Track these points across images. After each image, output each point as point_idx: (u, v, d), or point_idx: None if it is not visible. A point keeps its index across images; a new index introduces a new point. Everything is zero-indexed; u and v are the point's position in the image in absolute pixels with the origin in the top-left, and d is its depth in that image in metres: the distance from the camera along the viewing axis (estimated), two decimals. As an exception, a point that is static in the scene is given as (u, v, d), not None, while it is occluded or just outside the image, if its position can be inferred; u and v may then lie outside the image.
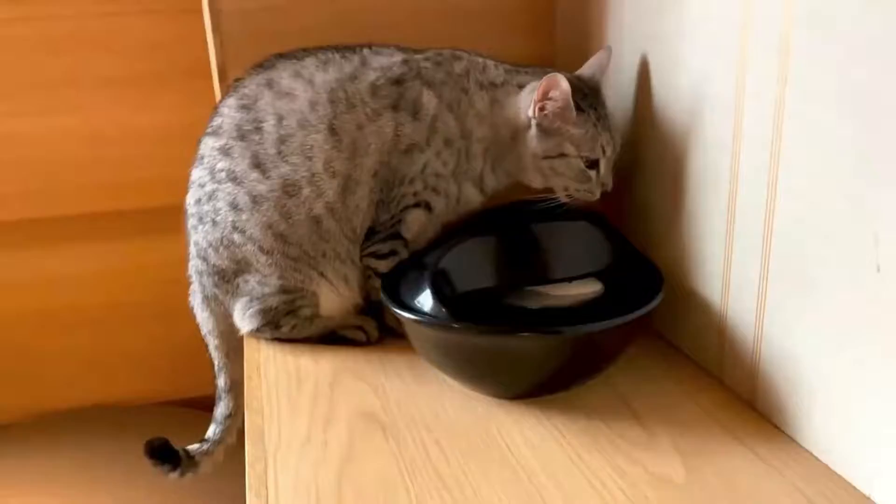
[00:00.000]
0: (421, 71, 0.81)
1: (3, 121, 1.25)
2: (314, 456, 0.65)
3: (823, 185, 0.57)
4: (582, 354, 0.70)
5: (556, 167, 0.79)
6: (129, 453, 0.91)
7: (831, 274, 0.58)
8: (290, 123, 0.79)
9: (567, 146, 0.78)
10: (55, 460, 1.24)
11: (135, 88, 1.28)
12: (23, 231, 1.32)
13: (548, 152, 0.79)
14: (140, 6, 1.26)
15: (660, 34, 0.77)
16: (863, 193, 0.54)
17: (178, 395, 1.38)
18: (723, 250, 0.71)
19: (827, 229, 0.57)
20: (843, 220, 0.56)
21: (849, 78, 0.54)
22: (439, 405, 0.73)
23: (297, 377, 0.78)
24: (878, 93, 0.52)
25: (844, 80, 0.54)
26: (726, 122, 0.67)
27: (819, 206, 0.58)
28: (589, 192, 0.80)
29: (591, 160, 0.79)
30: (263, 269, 0.82)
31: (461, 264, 0.75)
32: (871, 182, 0.53)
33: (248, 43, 0.91)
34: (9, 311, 1.33)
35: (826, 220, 0.57)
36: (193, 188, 0.84)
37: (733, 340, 0.71)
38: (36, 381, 1.38)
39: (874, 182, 0.53)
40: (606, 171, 0.80)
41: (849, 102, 0.54)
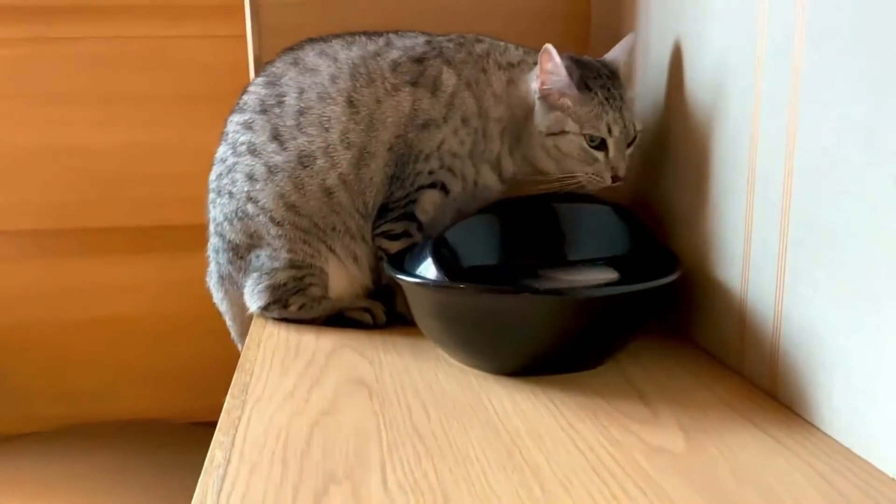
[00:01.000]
0: (443, 50, 0.81)
1: (63, 132, 1.32)
2: (293, 408, 0.62)
3: (840, 139, 0.53)
4: (587, 324, 0.66)
5: (560, 145, 0.77)
6: (162, 470, 0.87)
7: (851, 233, 0.53)
8: (311, 96, 0.80)
9: (569, 122, 0.76)
10: (81, 471, 1.23)
11: (190, 108, 1.33)
12: (76, 239, 1.37)
13: (550, 128, 0.77)
14: (199, 31, 1.32)
15: (682, 21, 0.76)
16: (880, 147, 0.50)
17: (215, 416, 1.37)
18: (743, 228, 0.66)
19: (845, 186, 0.53)
20: (860, 173, 0.52)
21: (864, 41, 0.51)
22: (433, 377, 0.69)
23: (297, 349, 0.76)
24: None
25: (858, 47, 0.51)
26: (746, 99, 0.64)
27: (836, 162, 0.54)
28: (598, 177, 0.77)
29: (595, 139, 0.76)
30: (274, 242, 0.81)
31: (469, 237, 0.73)
32: (889, 127, 0.49)
33: (286, 36, 0.94)
34: (54, 319, 1.36)
35: (844, 176, 0.53)
36: (216, 165, 0.86)
37: (753, 325, 0.66)
38: (74, 391, 1.39)
39: (891, 127, 0.49)
40: (617, 153, 0.76)
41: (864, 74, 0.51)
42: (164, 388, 1.38)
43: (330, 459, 0.54)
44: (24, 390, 1.37)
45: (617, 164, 0.77)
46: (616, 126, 0.76)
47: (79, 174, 1.32)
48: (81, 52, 1.30)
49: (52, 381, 1.37)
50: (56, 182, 1.32)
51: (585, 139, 0.76)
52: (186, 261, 1.36)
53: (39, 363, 1.37)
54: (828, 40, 0.55)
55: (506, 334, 0.66)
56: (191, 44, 1.33)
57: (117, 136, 1.32)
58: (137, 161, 1.33)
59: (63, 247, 1.36)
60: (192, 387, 1.37)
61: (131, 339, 1.37)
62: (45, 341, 1.36)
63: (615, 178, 0.77)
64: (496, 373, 0.69)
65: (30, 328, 1.36)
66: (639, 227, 0.76)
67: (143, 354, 1.37)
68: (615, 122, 0.76)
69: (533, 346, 0.67)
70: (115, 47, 1.31)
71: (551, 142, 0.77)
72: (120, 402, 1.38)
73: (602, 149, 0.76)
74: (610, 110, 0.76)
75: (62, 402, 1.38)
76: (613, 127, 0.76)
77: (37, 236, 1.35)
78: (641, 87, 0.87)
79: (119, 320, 1.37)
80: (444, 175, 0.81)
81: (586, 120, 0.76)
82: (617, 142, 0.77)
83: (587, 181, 0.77)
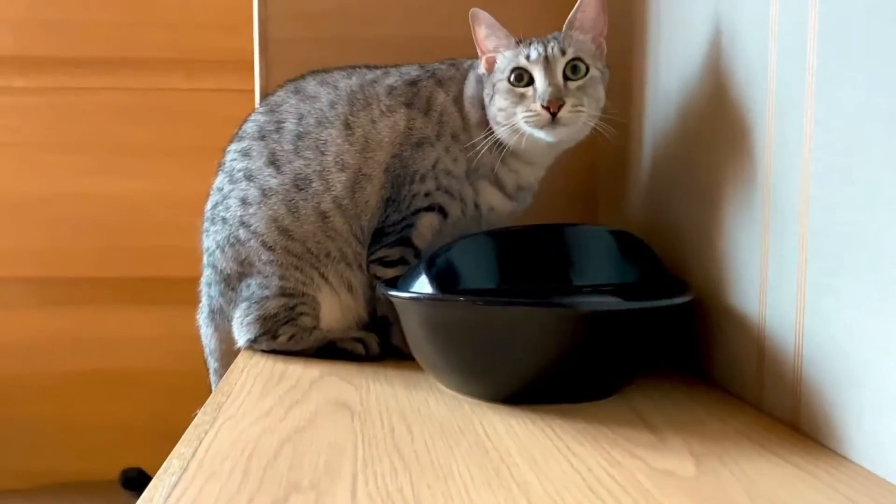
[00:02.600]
0: (435, 72, 0.81)
1: (75, 180, 1.32)
2: (266, 425, 0.57)
3: (860, 139, 0.49)
4: (590, 344, 0.60)
5: (497, 102, 0.73)
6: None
7: (873, 235, 0.48)
8: (309, 121, 0.79)
9: (496, 75, 0.74)
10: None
11: (202, 159, 1.33)
12: (78, 288, 1.34)
13: (489, 93, 0.75)
14: (213, 85, 1.34)
15: (690, 43, 0.74)
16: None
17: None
18: (759, 248, 0.62)
19: (866, 187, 0.49)
20: (882, 173, 0.47)
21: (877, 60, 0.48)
22: (422, 401, 0.64)
23: (281, 376, 0.71)
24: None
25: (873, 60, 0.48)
26: (757, 120, 0.61)
27: (856, 162, 0.50)
28: (530, 114, 0.70)
29: (518, 75, 0.71)
30: (265, 269, 0.78)
31: (466, 258, 0.69)
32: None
33: (292, 71, 0.94)
34: (50, 370, 1.32)
35: (865, 177, 0.49)
36: (213, 194, 0.83)
37: (772, 352, 0.60)
38: (67, 446, 1.33)
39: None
40: (545, 81, 0.70)
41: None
42: (161, 447, 1.32)
43: (297, 471, 0.48)
44: (14, 443, 1.32)
45: (545, 91, 0.69)
46: (535, 51, 0.71)
47: (86, 223, 1.32)
48: (99, 103, 1.32)
49: (45, 435, 1.32)
50: (63, 230, 1.31)
51: (510, 80, 0.72)
52: (191, 314, 1.33)
53: (35, 415, 1.32)
54: (842, 38, 0.51)
55: (502, 354, 0.61)
56: (205, 97, 1.35)
57: (127, 185, 1.32)
58: (145, 211, 1.33)
59: (64, 296, 1.33)
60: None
61: (129, 394, 1.33)
62: (40, 394, 1.32)
63: (550, 103, 0.69)
64: (492, 399, 0.63)
65: (24, 379, 1.32)
66: (647, 253, 0.72)
67: (141, 410, 1.32)
68: (535, 48, 0.71)
69: (531, 368, 0.61)
70: (131, 98, 1.33)
71: (494, 109, 0.74)
72: (113, 460, 1.32)
73: (529, 83, 0.72)
74: (530, 45, 0.72)
75: (52, 457, 1.32)
76: (532, 52, 0.71)
77: (39, 284, 1.33)
78: (650, 118, 0.84)
79: (117, 374, 1.33)
80: (441, 197, 0.78)
81: (509, 62, 0.73)
82: (542, 68, 0.70)
83: (525, 122, 0.71)
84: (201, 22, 1.31)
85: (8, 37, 1.29)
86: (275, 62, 0.99)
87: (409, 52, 0.92)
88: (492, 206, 0.79)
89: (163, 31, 1.31)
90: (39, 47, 1.30)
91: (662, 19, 0.81)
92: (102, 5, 1.30)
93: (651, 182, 0.82)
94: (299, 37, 0.97)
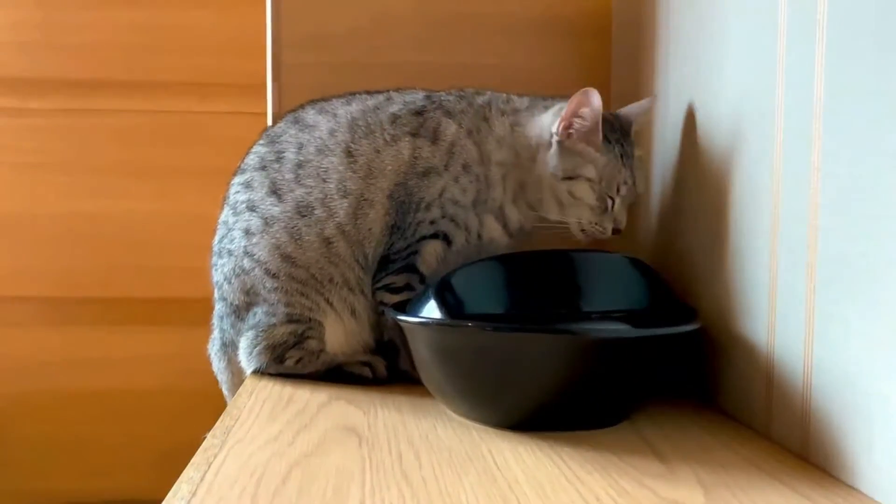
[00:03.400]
0: (442, 103, 0.81)
1: (91, 201, 1.33)
2: (274, 450, 0.57)
3: (869, 168, 0.50)
4: (600, 371, 0.61)
5: (574, 190, 0.76)
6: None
7: (885, 264, 0.48)
8: (309, 150, 0.80)
9: (588, 168, 0.76)
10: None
11: (215, 181, 1.34)
12: (88, 308, 1.35)
13: (567, 172, 0.76)
14: (227, 108, 1.35)
15: (698, 75, 0.74)
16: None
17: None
18: (767, 275, 0.62)
19: (876, 216, 0.49)
20: (892, 201, 0.48)
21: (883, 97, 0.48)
22: (430, 428, 0.64)
23: (289, 399, 0.72)
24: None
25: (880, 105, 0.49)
26: (765, 150, 0.61)
27: (866, 191, 0.50)
28: (600, 227, 0.77)
29: (607, 192, 0.76)
30: (270, 297, 0.78)
31: (475, 283, 0.70)
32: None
33: (304, 96, 0.95)
34: (58, 389, 1.32)
35: (875, 206, 0.49)
36: (219, 228, 0.84)
37: (781, 381, 0.60)
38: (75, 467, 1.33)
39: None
40: (621, 208, 0.78)
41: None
42: (167, 467, 1.32)
43: (305, 497, 0.48)
44: (23, 464, 1.32)
45: (619, 218, 0.78)
46: (625, 186, 0.77)
47: (97, 243, 1.32)
48: (113, 125, 1.33)
49: (55, 455, 1.32)
50: (74, 250, 1.32)
51: (602, 188, 0.76)
52: (198, 335, 1.33)
53: (44, 435, 1.32)
54: (850, 66, 0.52)
55: (510, 380, 0.61)
56: (218, 119, 1.36)
57: (139, 206, 1.33)
58: (156, 232, 1.33)
59: (72, 315, 1.34)
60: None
61: (135, 415, 1.33)
62: (45, 413, 1.32)
63: (616, 230, 0.77)
64: (500, 426, 0.63)
65: (29, 398, 1.32)
66: (656, 280, 0.72)
67: (147, 430, 1.32)
68: (626, 180, 0.77)
69: (540, 395, 0.62)
70: (145, 121, 1.34)
71: (564, 186, 0.76)
72: (123, 480, 1.32)
73: (610, 201, 0.77)
74: (623, 168, 0.77)
75: (57, 477, 1.32)
76: (623, 185, 0.77)
77: (46, 303, 1.34)
78: (659, 146, 0.85)
79: (124, 394, 1.33)
80: (446, 225, 0.78)
81: (605, 172, 0.76)
82: (623, 199, 0.78)
83: (591, 229, 0.77)
84: (215, 46, 1.32)
85: (24, 59, 1.30)
86: (287, 87, 1.00)
87: (421, 79, 0.93)
88: (492, 238, 0.80)
89: (176, 55, 1.32)
90: (55, 69, 1.32)
91: (671, 49, 0.82)
92: (117, 29, 1.31)
93: (660, 209, 0.83)
94: (312, 62, 0.98)
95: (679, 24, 0.80)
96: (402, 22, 0.98)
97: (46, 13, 1.30)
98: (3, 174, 1.31)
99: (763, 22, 0.62)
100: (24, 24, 1.30)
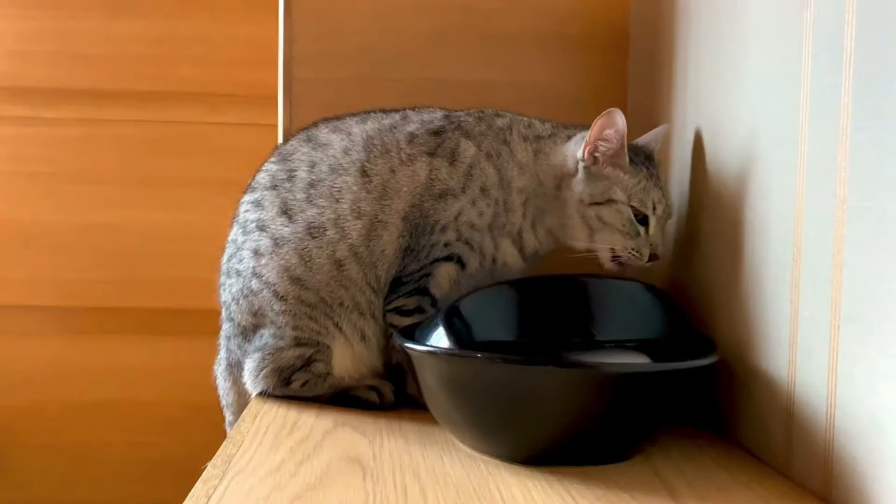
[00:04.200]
0: (461, 124, 0.79)
1: (102, 211, 1.32)
2: (276, 481, 0.56)
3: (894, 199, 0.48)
4: (614, 406, 0.58)
5: (604, 215, 0.73)
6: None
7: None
8: (322, 169, 0.78)
9: (617, 191, 0.73)
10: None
11: (226, 193, 1.33)
12: (97, 318, 1.34)
13: (595, 197, 0.74)
14: (239, 119, 1.34)
15: (716, 99, 0.72)
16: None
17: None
18: (788, 308, 0.60)
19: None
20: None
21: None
22: (437, 460, 0.62)
23: (293, 425, 0.70)
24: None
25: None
26: (787, 178, 0.59)
27: (891, 230, 0.48)
28: (636, 253, 0.73)
29: (640, 213, 0.73)
30: (278, 320, 0.76)
31: (485, 309, 0.68)
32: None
33: (315, 111, 0.93)
34: (67, 399, 1.31)
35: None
36: (228, 247, 0.83)
37: (802, 418, 0.58)
38: (80, 476, 1.32)
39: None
40: (657, 231, 0.74)
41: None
42: (174, 478, 1.31)
43: (305, 537, 0.47)
44: (28, 472, 1.31)
45: (656, 242, 0.74)
46: (660, 204, 0.74)
47: (108, 253, 1.32)
48: (125, 135, 1.33)
49: (59, 464, 1.31)
50: (85, 259, 1.31)
51: (632, 211, 0.73)
52: (211, 347, 1.32)
53: (48, 444, 1.32)
54: (879, 94, 0.50)
55: (520, 414, 0.59)
56: (230, 130, 1.35)
57: (150, 217, 1.32)
58: (167, 243, 1.32)
59: (85, 325, 1.33)
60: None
61: (146, 426, 1.32)
62: (57, 422, 1.31)
63: (653, 255, 0.74)
64: (509, 460, 0.61)
65: (41, 407, 1.32)
66: (673, 308, 0.70)
67: (157, 442, 1.31)
68: (659, 201, 0.74)
69: (551, 430, 0.60)
70: (157, 131, 1.34)
71: (593, 211, 0.74)
72: (126, 490, 1.31)
73: (644, 224, 0.74)
74: (654, 188, 0.75)
75: (67, 487, 1.31)
76: (657, 205, 0.74)
77: (60, 312, 1.33)
78: (676, 169, 0.83)
79: (135, 404, 1.32)
80: (460, 248, 0.77)
81: (634, 192, 0.74)
82: (658, 220, 0.75)
83: (626, 256, 0.74)
84: (227, 57, 1.32)
85: (38, 68, 1.30)
86: (298, 102, 0.98)
87: (435, 95, 0.91)
88: (507, 262, 0.78)
89: (189, 66, 1.32)
90: (68, 79, 1.32)
91: (690, 70, 0.80)
92: (130, 40, 1.31)
93: (677, 236, 0.80)
94: (324, 77, 0.97)
95: (698, 44, 0.78)
96: (415, 38, 0.97)
97: (60, 23, 1.30)
98: (14, 183, 1.31)
99: (787, 45, 0.60)
100: (38, 34, 1.30)
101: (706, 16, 0.76)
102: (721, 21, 0.73)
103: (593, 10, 0.98)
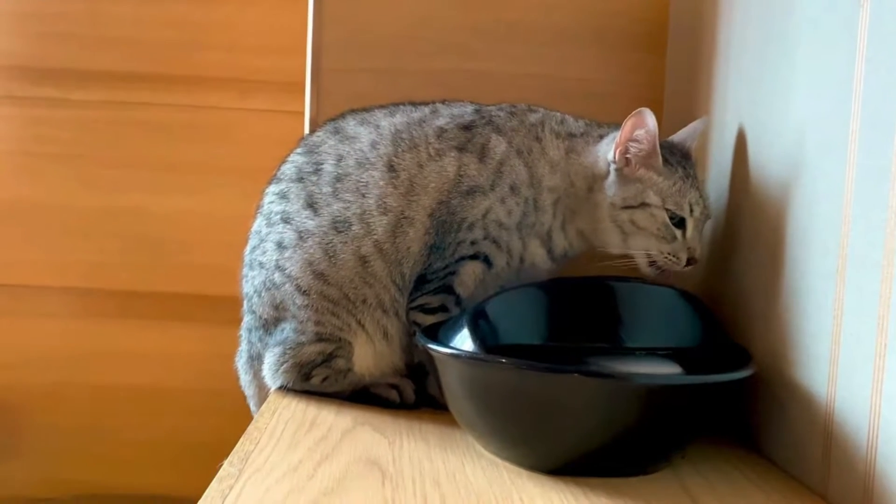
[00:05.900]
0: (492, 119, 0.77)
1: (128, 194, 1.32)
2: (293, 483, 0.54)
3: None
4: (644, 418, 0.56)
5: (637, 219, 0.70)
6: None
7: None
8: (349, 163, 0.77)
9: (650, 194, 0.70)
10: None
11: (251, 179, 1.32)
12: (120, 302, 1.34)
13: (628, 201, 0.71)
14: (266, 105, 1.33)
15: (760, 99, 0.69)
16: None
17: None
18: (830, 322, 0.57)
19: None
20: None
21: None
22: (459, 466, 0.60)
23: (312, 422, 0.69)
24: None
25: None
26: (834, 185, 0.56)
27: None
28: (674, 258, 0.70)
29: (676, 216, 0.70)
30: (300, 314, 0.75)
31: (512, 311, 0.66)
32: None
33: (343, 100, 0.92)
34: (88, 381, 1.31)
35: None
36: (251, 238, 0.82)
37: (842, 439, 0.55)
38: (99, 459, 1.32)
39: None
40: (694, 234, 0.71)
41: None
42: (192, 465, 1.31)
43: (321, 545, 0.45)
44: (47, 453, 1.32)
45: (694, 245, 0.71)
46: (697, 206, 0.72)
47: (133, 236, 1.31)
48: (152, 118, 1.32)
49: (78, 446, 1.31)
50: (110, 242, 1.31)
51: (668, 214, 0.70)
52: (230, 334, 1.32)
53: (68, 426, 1.32)
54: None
55: (547, 423, 0.57)
56: (257, 117, 1.34)
57: (175, 201, 1.32)
58: (192, 228, 1.32)
59: (108, 308, 1.33)
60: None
61: (164, 411, 1.31)
62: (76, 404, 1.32)
63: (691, 259, 0.71)
64: (533, 469, 0.59)
65: (62, 388, 1.32)
66: (707, 315, 0.67)
67: (175, 427, 1.31)
68: (696, 202, 0.72)
69: (577, 440, 0.58)
70: (184, 115, 1.32)
71: (626, 215, 0.71)
72: (144, 475, 1.31)
73: (680, 227, 0.71)
74: (691, 189, 0.72)
75: (85, 468, 1.31)
76: (695, 206, 0.71)
77: (83, 294, 1.33)
78: (714, 171, 0.80)
79: (155, 389, 1.32)
80: (487, 246, 0.74)
81: (669, 194, 0.71)
82: (696, 222, 0.72)
83: (662, 261, 0.71)
84: (256, 43, 1.30)
85: (68, 50, 1.30)
86: (326, 91, 0.97)
87: (464, 87, 0.89)
88: (535, 262, 0.76)
89: (217, 51, 1.31)
90: (97, 61, 1.31)
91: (732, 67, 0.77)
92: (160, 24, 1.30)
93: (713, 241, 0.78)
94: (352, 67, 0.95)
95: (742, 40, 0.75)
96: (447, 28, 0.95)
97: (90, 5, 1.29)
98: (40, 164, 1.31)
99: (839, 44, 0.57)
100: (68, 16, 1.29)
101: (751, 13, 0.73)
102: (767, 18, 0.70)
103: (632, 6, 0.96)
